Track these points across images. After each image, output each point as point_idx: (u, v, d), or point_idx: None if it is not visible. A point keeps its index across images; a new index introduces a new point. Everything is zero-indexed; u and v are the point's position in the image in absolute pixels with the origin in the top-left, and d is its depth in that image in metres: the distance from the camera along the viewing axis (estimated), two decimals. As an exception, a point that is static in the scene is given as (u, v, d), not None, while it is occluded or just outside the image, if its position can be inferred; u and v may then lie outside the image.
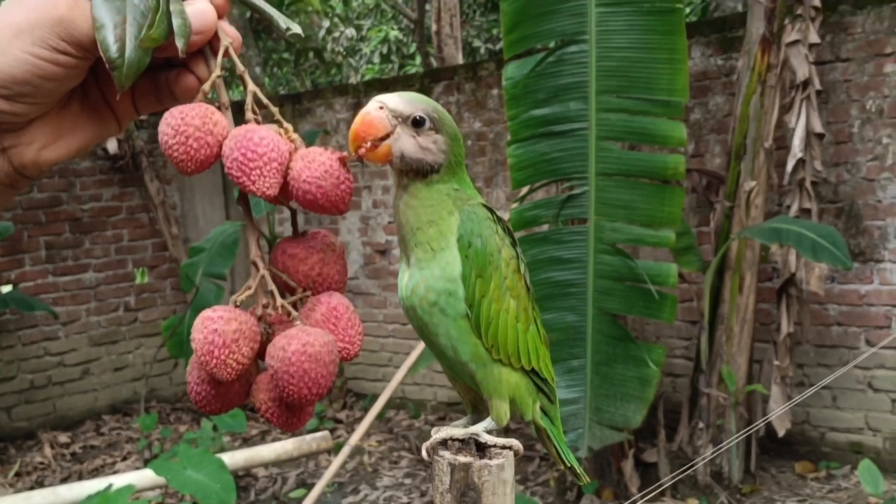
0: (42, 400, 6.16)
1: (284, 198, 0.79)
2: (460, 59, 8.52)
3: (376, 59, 11.88)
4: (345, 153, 0.79)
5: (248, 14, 7.65)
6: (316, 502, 3.76)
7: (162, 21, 0.73)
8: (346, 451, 3.79)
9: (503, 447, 0.98)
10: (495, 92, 5.70)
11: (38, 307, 5.58)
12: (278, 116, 0.81)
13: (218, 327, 0.72)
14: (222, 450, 4.94)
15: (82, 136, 0.79)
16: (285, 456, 4.73)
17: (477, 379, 1.00)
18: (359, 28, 12.08)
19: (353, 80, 11.94)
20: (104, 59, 0.71)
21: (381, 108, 0.93)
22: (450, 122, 0.97)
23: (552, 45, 3.74)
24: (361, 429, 3.85)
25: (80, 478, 5.20)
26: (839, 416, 4.72)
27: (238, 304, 0.76)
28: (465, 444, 0.98)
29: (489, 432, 0.99)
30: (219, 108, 0.77)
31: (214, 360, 0.71)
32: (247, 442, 5.71)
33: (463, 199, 0.98)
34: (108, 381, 6.48)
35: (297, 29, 0.81)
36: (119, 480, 3.83)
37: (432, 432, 1.00)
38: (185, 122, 0.74)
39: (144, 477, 4.03)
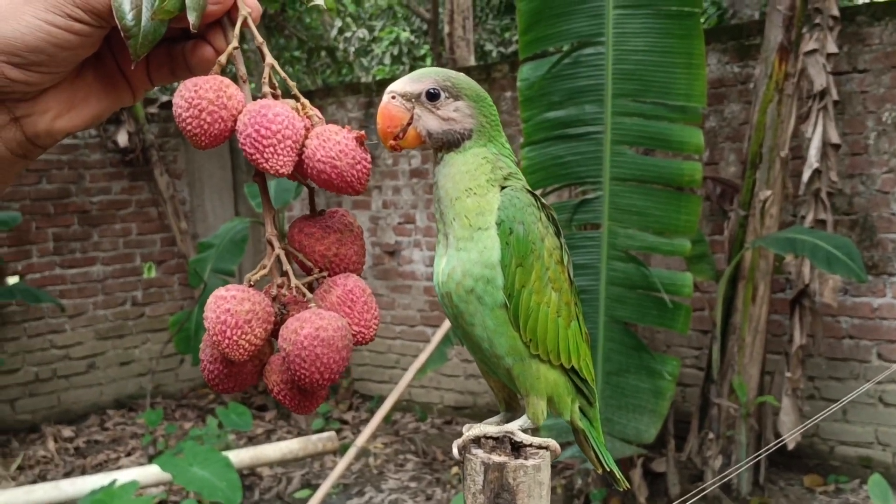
0: (46, 393, 6.14)
1: (301, 176, 0.76)
2: (472, 62, 8.49)
3: (387, 61, 11.87)
4: (362, 132, 0.76)
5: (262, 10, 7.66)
6: (321, 503, 3.73)
7: (178, -8, 0.70)
8: (352, 452, 3.76)
9: (539, 447, 0.93)
10: (508, 94, 5.67)
11: (45, 299, 5.57)
12: (295, 91, 0.78)
13: (231, 307, 0.69)
14: (227, 448, 4.91)
15: (96, 105, 0.76)
16: (290, 456, 4.71)
17: (513, 374, 0.95)
18: (371, 29, 12.07)
19: (364, 80, 11.94)
20: (119, 28, 0.69)
21: (394, 97, 0.92)
22: (469, 85, 0.94)
23: (568, 46, 3.71)
24: (368, 430, 3.82)
25: (83, 473, 5.17)
26: (849, 430, 4.66)
27: (252, 283, 0.73)
28: (499, 442, 0.93)
29: (524, 431, 0.94)
30: (236, 82, 0.75)
31: (227, 341, 0.68)
32: (252, 441, 5.68)
33: (502, 169, 0.94)
34: (114, 376, 6.47)
35: (319, 0, 0.78)
36: (123, 476, 3.81)
37: (464, 429, 0.95)
38: (199, 95, 0.71)
39: (149, 473, 4.01)
